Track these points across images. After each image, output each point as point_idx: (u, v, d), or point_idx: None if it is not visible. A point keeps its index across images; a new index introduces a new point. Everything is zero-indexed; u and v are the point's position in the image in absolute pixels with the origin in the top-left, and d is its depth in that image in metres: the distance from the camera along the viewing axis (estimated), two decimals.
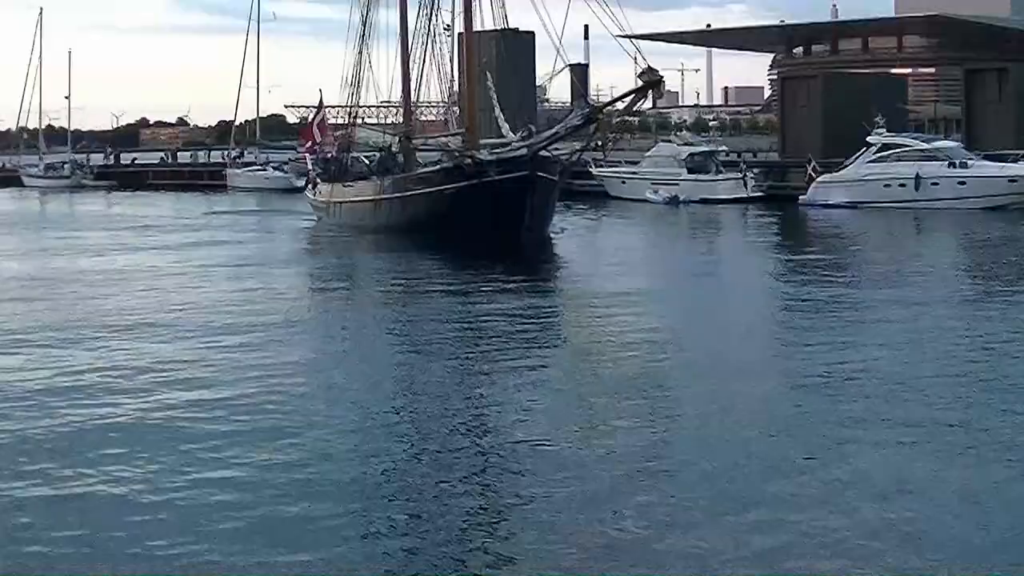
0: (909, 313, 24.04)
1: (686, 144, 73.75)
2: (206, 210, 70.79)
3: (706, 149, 73.63)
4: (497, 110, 50.88)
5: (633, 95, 41.69)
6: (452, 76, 57.30)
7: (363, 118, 64.61)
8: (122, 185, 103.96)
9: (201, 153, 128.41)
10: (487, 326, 23.36)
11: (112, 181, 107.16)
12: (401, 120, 58.95)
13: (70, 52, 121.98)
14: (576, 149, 47.91)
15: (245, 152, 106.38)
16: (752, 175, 68.53)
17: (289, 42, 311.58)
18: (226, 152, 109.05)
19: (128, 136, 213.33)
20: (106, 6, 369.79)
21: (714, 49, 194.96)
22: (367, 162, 57.65)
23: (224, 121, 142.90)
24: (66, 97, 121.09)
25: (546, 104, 54.94)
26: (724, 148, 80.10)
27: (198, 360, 20.18)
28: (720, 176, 68.78)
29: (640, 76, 40.47)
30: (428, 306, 26.90)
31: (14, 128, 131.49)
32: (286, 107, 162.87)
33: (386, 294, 30.72)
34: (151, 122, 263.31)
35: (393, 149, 55.77)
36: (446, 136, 53.43)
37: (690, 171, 68.82)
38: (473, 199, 41.54)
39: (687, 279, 32.82)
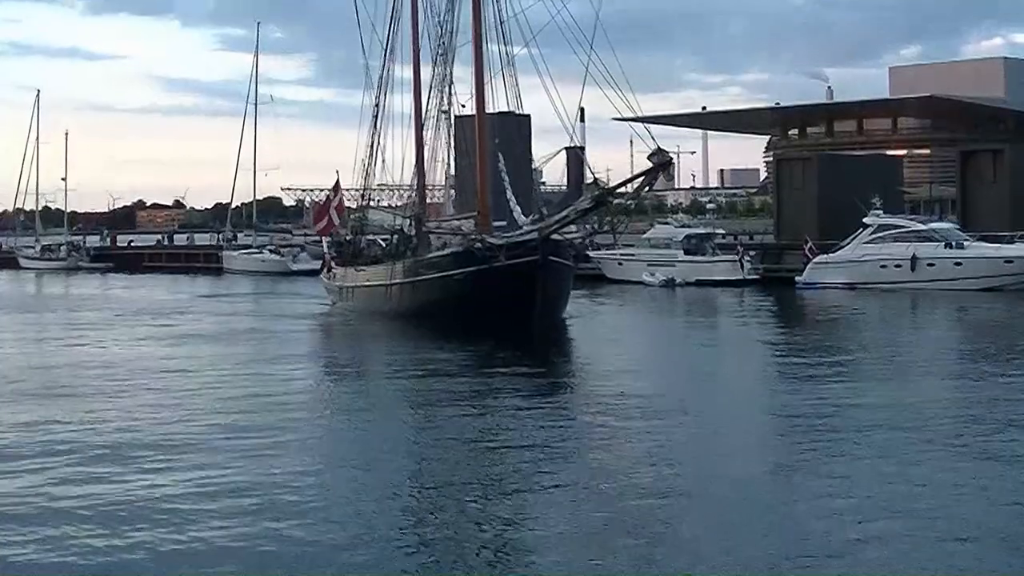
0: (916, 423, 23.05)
1: (682, 226, 73.82)
2: (205, 293, 70.47)
3: (702, 231, 73.65)
4: (509, 192, 50.34)
5: (643, 177, 40.91)
6: (448, 159, 57.49)
7: (377, 200, 64.50)
8: (119, 267, 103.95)
9: (197, 235, 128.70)
10: (495, 451, 20.49)
11: (108, 263, 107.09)
12: (411, 202, 58.82)
13: (67, 133, 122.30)
14: (588, 232, 47.20)
15: (240, 234, 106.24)
16: (748, 257, 68.52)
17: (286, 125, 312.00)
18: (222, 235, 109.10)
19: (125, 218, 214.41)
20: (103, 87, 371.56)
21: (710, 131, 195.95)
22: (383, 244, 57.16)
23: (221, 203, 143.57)
24: (62, 179, 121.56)
25: (542, 187, 54.67)
26: (720, 230, 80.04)
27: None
28: (716, 258, 68.77)
29: (649, 157, 39.80)
30: (431, 420, 23.89)
31: (10, 209, 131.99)
32: (283, 190, 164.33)
33: (388, 399, 27.36)
34: (147, 204, 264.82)
35: (406, 232, 54.92)
36: (459, 219, 52.82)
37: (686, 253, 68.83)
38: (483, 284, 41.10)
39: (697, 381, 30.45)
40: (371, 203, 62.51)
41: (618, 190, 43.30)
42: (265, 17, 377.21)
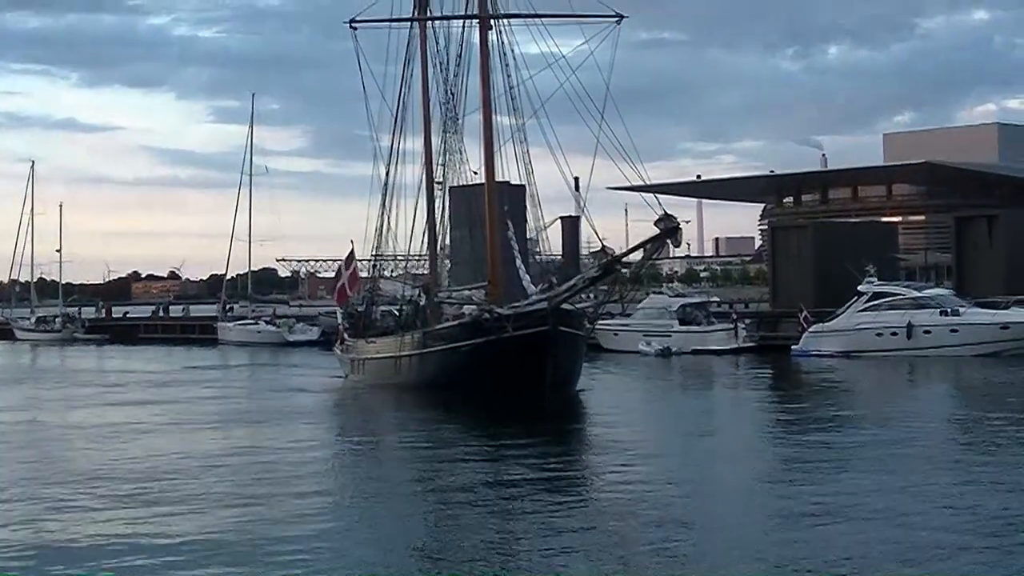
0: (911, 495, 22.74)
1: (677, 295, 73.85)
2: (200, 364, 70.19)
3: (697, 300, 73.72)
4: (518, 261, 49.78)
5: (651, 243, 39.80)
6: (439, 229, 57.28)
7: (389, 271, 63.94)
8: (114, 339, 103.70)
9: (194, 307, 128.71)
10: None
11: (104, 335, 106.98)
12: (421, 273, 58.60)
13: (61, 205, 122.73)
14: (600, 301, 46.28)
15: (229, 307, 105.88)
16: (744, 325, 68.51)
17: (281, 196, 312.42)
18: (217, 305, 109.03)
19: (120, 289, 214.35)
20: (98, 159, 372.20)
21: (705, 200, 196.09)
22: (398, 314, 55.80)
23: (216, 275, 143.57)
24: (57, 250, 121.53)
25: (537, 256, 54.56)
26: (715, 299, 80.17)
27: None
28: (712, 327, 68.69)
29: (657, 223, 38.58)
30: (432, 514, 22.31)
31: (6, 281, 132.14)
32: (278, 261, 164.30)
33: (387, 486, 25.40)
34: (143, 275, 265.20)
35: (417, 302, 53.94)
36: (470, 289, 52.01)
37: (682, 322, 68.75)
38: (492, 356, 40.25)
39: (703, 460, 29.43)
40: (383, 274, 61.82)
41: (626, 258, 42.20)
42: (260, 89, 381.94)
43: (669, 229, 38.44)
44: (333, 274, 62.30)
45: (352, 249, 60.56)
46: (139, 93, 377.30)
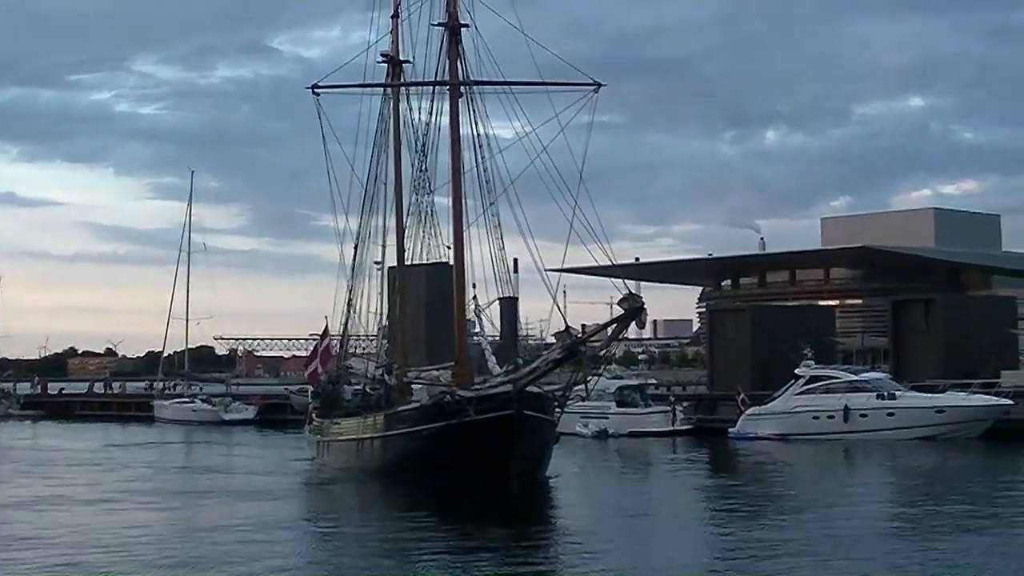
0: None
1: (615, 377, 73.58)
2: (140, 441, 69.74)
3: (635, 383, 73.61)
4: (485, 343, 47.82)
5: (616, 324, 38.24)
6: (381, 309, 56.89)
7: (355, 349, 62.39)
8: (50, 415, 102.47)
9: (130, 384, 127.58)
10: None
11: (39, 411, 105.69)
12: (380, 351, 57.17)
13: None
14: (568, 384, 41.57)
15: (172, 384, 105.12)
16: (681, 408, 68.39)
17: (220, 273, 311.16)
18: (153, 383, 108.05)
19: (56, 365, 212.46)
20: (37, 233, 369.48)
21: (643, 282, 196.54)
22: (370, 392, 52.04)
23: (153, 351, 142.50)
24: None
25: (475, 338, 54.24)
26: (653, 381, 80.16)
27: None
28: (649, 409, 68.54)
29: (620, 303, 37.55)
30: None
31: None
32: (216, 339, 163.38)
33: None
34: (79, 351, 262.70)
35: (382, 380, 51.20)
36: (438, 369, 49.10)
37: (619, 404, 68.46)
38: (452, 440, 38.09)
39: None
40: (353, 351, 60.07)
41: (590, 339, 40.16)
42: (200, 166, 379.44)
43: (634, 309, 37.10)
44: (270, 352, 61.56)
45: (326, 326, 59.41)
46: (79, 168, 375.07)
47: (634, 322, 38.34)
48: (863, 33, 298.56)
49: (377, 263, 55.26)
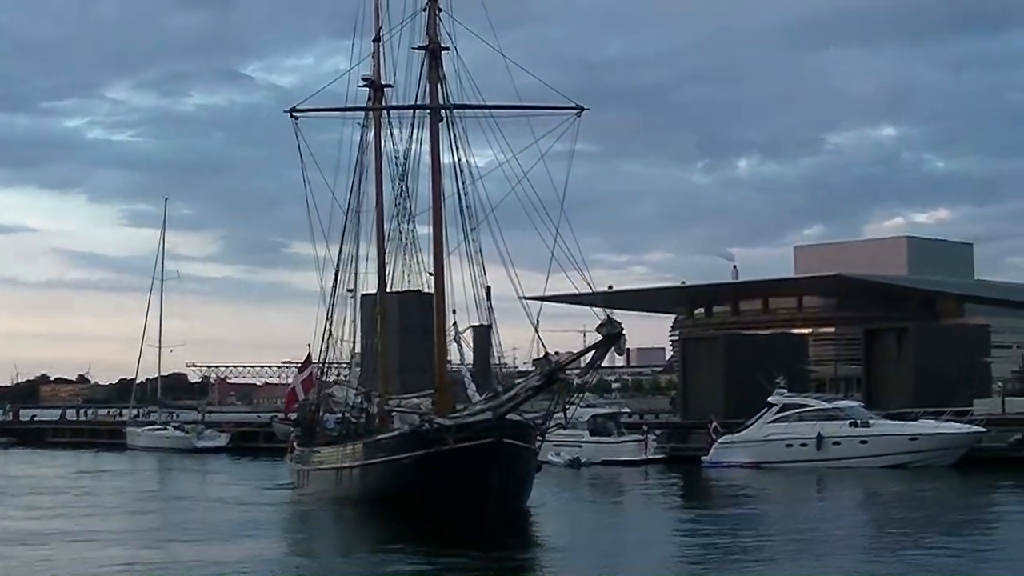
0: None
1: (588, 406, 73.22)
2: (111, 468, 69.24)
3: (608, 411, 73.34)
4: (465, 371, 47.02)
5: (595, 350, 37.15)
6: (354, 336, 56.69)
7: (336, 376, 61.74)
8: (21, 442, 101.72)
9: (102, 411, 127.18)
10: None
11: (11, 437, 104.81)
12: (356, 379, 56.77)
13: None
14: (549, 411, 40.21)
15: (146, 412, 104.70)
16: (654, 436, 68.20)
17: (192, 301, 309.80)
18: (126, 410, 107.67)
19: (28, 392, 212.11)
20: (9, 260, 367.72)
21: (616, 310, 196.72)
22: (353, 421, 51.19)
23: (125, 379, 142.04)
24: None
25: (449, 365, 54.07)
26: (626, 409, 79.87)
27: None
28: (622, 438, 68.30)
29: (599, 329, 36.29)
30: None
31: None
32: (188, 366, 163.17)
33: None
34: (51, 378, 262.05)
35: (367, 409, 50.55)
36: (419, 397, 48.79)
37: (592, 433, 68.15)
38: (431, 469, 37.08)
39: None
40: (334, 379, 59.45)
41: (569, 366, 39.27)
42: (173, 193, 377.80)
43: (613, 334, 35.90)
44: (243, 380, 61.28)
45: (309, 354, 58.93)
46: (52, 195, 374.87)
47: (613, 348, 37.30)
48: (836, 63, 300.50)
49: (350, 291, 55.03)
